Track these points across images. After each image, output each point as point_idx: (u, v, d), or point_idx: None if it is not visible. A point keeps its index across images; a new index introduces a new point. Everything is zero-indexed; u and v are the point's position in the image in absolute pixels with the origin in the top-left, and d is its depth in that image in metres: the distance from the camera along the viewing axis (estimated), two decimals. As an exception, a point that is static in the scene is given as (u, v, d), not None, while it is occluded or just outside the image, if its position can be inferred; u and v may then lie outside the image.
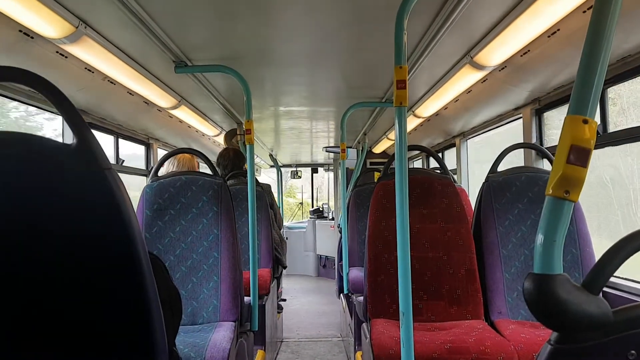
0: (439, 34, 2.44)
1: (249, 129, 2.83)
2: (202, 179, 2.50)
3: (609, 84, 2.47)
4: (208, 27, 2.47)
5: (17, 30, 2.01)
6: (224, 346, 1.96)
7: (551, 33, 2.23)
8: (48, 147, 0.89)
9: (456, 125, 4.53)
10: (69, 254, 0.88)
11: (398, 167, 1.67)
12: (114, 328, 0.91)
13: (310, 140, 7.34)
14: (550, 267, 0.78)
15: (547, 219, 0.80)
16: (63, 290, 0.89)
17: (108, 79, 2.87)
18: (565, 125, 0.81)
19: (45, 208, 0.88)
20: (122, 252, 0.90)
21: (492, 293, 2.43)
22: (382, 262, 2.46)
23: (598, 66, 0.81)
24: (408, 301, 1.63)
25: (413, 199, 2.52)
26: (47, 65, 2.36)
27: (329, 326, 5.31)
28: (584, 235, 2.43)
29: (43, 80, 0.92)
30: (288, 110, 4.89)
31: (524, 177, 2.57)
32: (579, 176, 0.79)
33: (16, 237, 0.88)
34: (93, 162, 0.91)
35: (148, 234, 2.40)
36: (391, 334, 2.07)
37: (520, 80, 2.90)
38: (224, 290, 2.36)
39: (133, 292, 0.91)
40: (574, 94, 0.82)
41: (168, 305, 1.21)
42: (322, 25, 2.44)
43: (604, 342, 0.75)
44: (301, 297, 7.04)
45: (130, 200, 0.96)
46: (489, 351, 1.95)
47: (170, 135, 4.79)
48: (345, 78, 3.62)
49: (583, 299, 0.76)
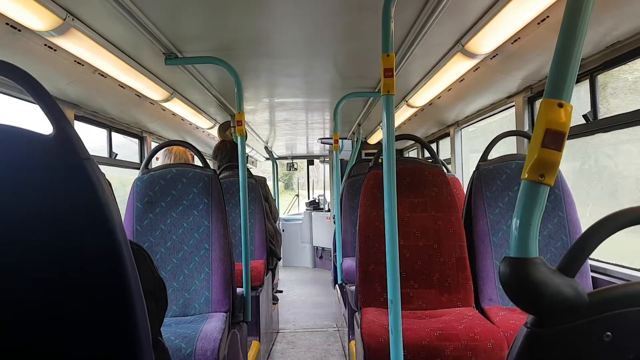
0: (429, 22, 2.43)
1: (240, 121, 2.82)
2: (193, 171, 2.50)
3: (599, 70, 2.47)
4: (199, 18, 2.45)
5: (3, 23, 1.99)
6: (215, 336, 1.97)
7: (540, 20, 2.23)
8: (24, 137, 0.88)
9: (450, 115, 4.53)
10: (47, 246, 0.88)
11: (386, 156, 1.67)
12: (95, 318, 0.91)
13: (305, 131, 7.33)
14: (526, 250, 0.78)
15: (523, 203, 0.80)
16: (40, 282, 0.89)
17: (98, 72, 2.86)
18: (541, 109, 0.81)
19: (22, 199, 0.87)
20: (102, 242, 0.90)
21: (482, 280, 2.45)
22: (373, 252, 2.47)
23: (574, 50, 0.81)
24: (396, 289, 1.64)
25: (403, 187, 2.52)
26: (35, 58, 2.35)
27: (325, 317, 5.33)
28: (574, 222, 2.43)
29: (16, 68, 0.90)
30: (282, 101, 4.88)
31: (515, 164, 2.58)
32: (554, 160, 0.79)
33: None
34: (71, 152, 0.90)
35: (139, 227, 2.40)
36: (381, 322, 2.08)
37: (512, 68, 2.89)
38: (216, 282, 2.37)
39: (114, 283, 0.91)
40: (550, 77, 0.82)
41: (152, 295, 1.22)
42: (314, 14, 2.43)
43: (580, 324, 0.76)
44: (297, 288, 7.06)
45: (111, 191, 0.96)
46: (479, 337, 1.96)
47: (164, 128, 4.77)
48: (338, 68, 3.61)
49: (559, 281, 0.76)
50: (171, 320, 2.25)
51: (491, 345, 1.95)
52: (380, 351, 1.96)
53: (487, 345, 1.95)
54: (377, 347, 1.97)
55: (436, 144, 5.57)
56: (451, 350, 1.94)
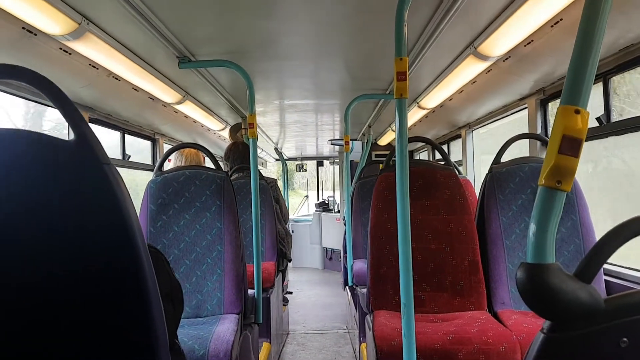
0: (441, 25, 2.43)
1: (252, 123, 2.84)
2: (206, 174, 2.52)
3: (612, 73, 2.45)
4: (211, 21, 2.47)
5: (20, 27, 2.02)
6: (228, 338, 1.98)
7: (554, 23, 2.22)
8: (45, 143, 0.90)
9: (461, 117, 4.51)
10: (68, 249, 0.90)
11: (399, 158, 1.67)
12: (114, 321, 0.93)
13: (315, 133, 7.34)
14: (543, 256, 0.79)
15: (540, 209, 0.80)
16: (61, 285, 0.90)
17: (113, 75, 2.89)
18: (558, 115, 0.81)
19: (44, 204, 0.89)
20: (122, 246, 0.91)
21: (495, 284, 2.44)
22: (385, 254, 2.47)
23: (590, 57, 0.81)
24: (409, 292, 1.64)
25: (415, 190, 2.52)
26: (51, 62, 2.38)
27: (334, 318, 5.33)
28: (587, 225, 2.42)
29: (39, 76, 0.92)
30: (293, 103, 4.89)
31: (528, 167, 2.56)
32: (571, 166, 0.79)
33: (15, 234, 0.89)
34: (92, 157, 0.91)
35: (153, 228, 2.42)
36: (393, 325, 2.08)
37: (525, 70, 2.88)
38: (228, 283, 2.38)
39: (133, 286, 0.93)
40: (567, 84, 0.82)
41: (169, 297, 1.23)
42: (325, 17, 2.44)
43: (596, 330, 0.76)
44: (307, 289, 7.06)
45: (130, 195, 0.97)
46: (492, 341, 1.96)
47: (176, 130, 4.81)
48: (349, 70, 3.62)
49: (575, 287, 0.76)
50: (184, 321, 2.27)
51: (504, 349, 1.94)
52: (392, 354, 1.96)
53: (500, 349, 1.94)
54: (389, 350, 1.97)
55: (447, 145, 5.55)
56: (464, 354, 1.94)
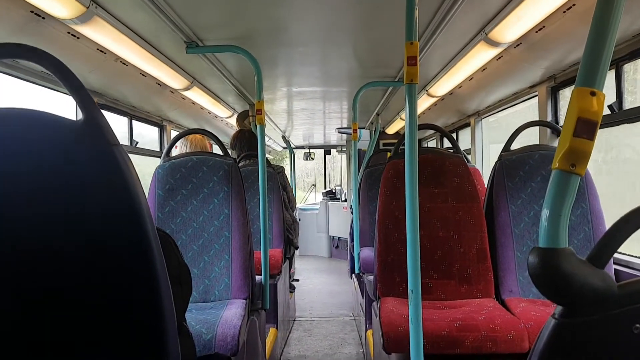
0: (452, 10, 2.40)
1: (260, 110, 2.83)
2: (213, 160, 2.52)
3: (625, 60, 2.41)
4: (219, 6, 2.45)
5: (28, 10, 2.02)
6: (235, 323, 1.99)
7: (567, 8, 2.18)
8: (54, 123, 0.89)
9: (471, 104, 4.48)
10: (77, 230, 0.90)
11: (408, 145, 1.66)
12: (122, 302, 0.93)
13: (322, 121, 7.32)
14: (556, 241, 0.78)
15: (553, 193, 0.79)
16: (69, 266, 0.90)
17: (120, 60, 2.88)
18: (573, 97, 0.80)
19: (52, 185, 0.89)
20: (130, 228, 0.91)
21: (503, 272, 2.43)
22: (392, 242, 2.46)
23: (607, 38, 0.79)
24: (417, 279, 1.63)
25: (424, 178, 2.51)
26: (59, 46, 2.38)
27: (341, 305, 5.36)
28: (597, 213, 2.39)
29: (49, 56, 0.92)
30: (300, 90, 4.87)
31: (538, 155, 2.54)
32: (586, 149, 0.78)
33: (23, 214, 0.89)
34: (101, 138, 0.91)
35: (161, 214, 2.43)
36: (400, 312, 2.08)
37: (536, 57, 2.84)
38: (235, 269, 2.39)
39: (141, 268, 0.93)
40: (582, 65, 0.80)
41: (177, 280, 1.23)
42: (334, 2, 2.41)
43: (609, 316, 0.75)
44: (314, 277, 7.10)
45: (139, 177, 0.97)
46: (499, 329, 1.95)
47: (183, 116, 4.81)
48: (357, 57, 3.59)
49: (588, 272, 0.75)
50: (192, 306, 2.28)
51: (512, 337, 1.94)
52: (399, 340, 1.97)
53: (508, 336, 1.94)
54: (396, 336, 1.98)
55: (456, 134, 5.52)
56: (471, 340, 1.94)
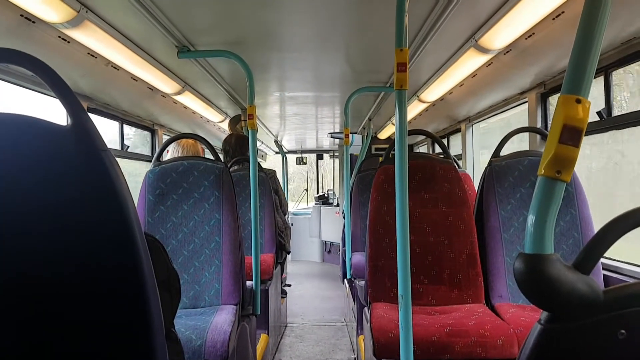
0: (442, 16, 2.41)
1: (252, 114, 2.83)
2: (204, 164, 2.51)
3: (614, 67, 2.43)
4: (211, 11, 2.45)
5: (18, 14, 2.01)
6: (225, 329, 1.98)
7: (556, 15, 2.20)
8: (41, 128, 0.89)
9: (461, 110, 4.50)
10: (63, 235, 0.89)
11: (398, 151, 1.67)
12: (110, 309, 0.92)
13: (315, 126, 7.32)
14: (542, 247, 0.78)
15: (539, 199, 0.80)
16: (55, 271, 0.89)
17: (111, 65, 2.87)
18: (559, 105, 0.80)
19: (39, 189, 0.88)
20: (117, 233, 0.90)
21: (493, 277, 2.44)
22: (383, 247, 2.47)
23: (593, 46, 0.80)
24: (407, 284, 1.64)
25: (414, 183, 2.52)
26: (49, 50, 2.37)
27: (333, 311, 5.34)
28: (586, 219, 2.41)
29: (36, 60, 0.91)
30: (293, 95, 4.88)
31: (527, 161, 2.56)
32: (571, 156, 0.79)
33: (9, 220, 0.88)
34: (88, 143, 0.90)
35: (151, 219, 2.42)
36: (391, 317, 2.09)
37: (526, 63, 2.86)
38: (226, 274, 2.38)
39: (129, 273, 0.92)
40: (568, 73, 0.81)
41: (166, 286, 1.23)
42: (326, 8, 2.42)
43: (594, 322, 0.76)
44: (306, 282, 7.08)
45: (126, 182, 0.97)
46: (489, 334, 1.96)
47: (175, 121, 4.79)
48: (349, 62, 3.60)
49: (574, 278, 0.76)
50: (182, 312, 2.27)
51: (501, 342, 1.95)
52: (389, 346, 1.97)
53: (498, 341, 1.95)
54: (386, 342, 1.97)
55: (447, 139, 5.55)
56: (461, 346, 1.94)
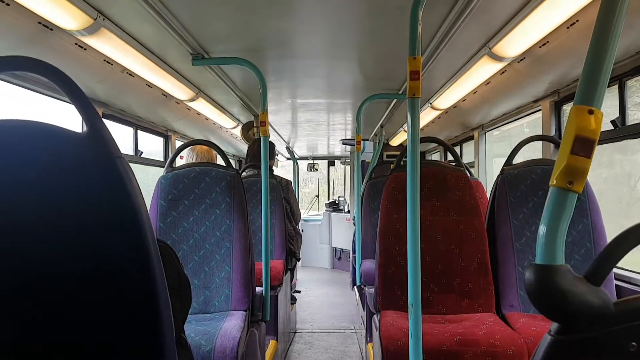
0: (456, 25, 2.41)
1: (264, 121, 2.85)
2: (216, 170, 2.53)
3: (628, 76, 2.42)
4: (226, 19, 2.48)
5: (36, 22, 2.05)
6: (234, 335, 1.99)
7: (570, 24, 2.19)
8: (57, 135, 0.90)
9: (474, 118, 4.49)
10: (77, 241, 0.90)
11: (410, 158, 1.67)
12: (121, 314, 0.93)
13: (327, 132, 7.34)
14: (552, 257, 0.78)
15: (550, 210, 0.79)
16: (68, 277, 0.91)
17: (127, 71, 2.92)
18: (571, 115, 0.80)
19: (54, 196, 0.89)
20: (131, 239, 0.91)
21: (504, 286, 2.42)
22: (393, 255, 2.46)
23: (606, 56, 0.80)
24: (417, 293, 1.63)
25: (425, 191, 2.51)
26: (66, 57, 2.41)
27: (342, 318, 5.32)
28: (599, 229, 2.39)
29: (53, 68, 0.93)
30: (305, 102, 4.90)
31: (540, 169, 2.54)
32: (583, 167, 0.78)
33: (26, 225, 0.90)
34: (104, 150, 0.92)
35: (162, 224, 2.44)
36: (400, 325, 2.08)
37: (540, 72, 2.85)
38: (236, 280, 2.39)
39: (141, 279, 0.93)
40: (581, 84, 0.81)
41: (177, 292, 1.23)
42: (340, 16, 2.44)
43: (605, 334, 0.75)
44: (315, 289, 7.06)
45: (140, 189, 0.98)
46: (499, 344, 1.94)
47: (189, 127, 4.84)
48: (362, 70, 3.61)
49: (584, 290, 0.75)
50: (191, 317, 2.28)
51: (512, 352, 1.93)
52: (398, 354, 1.96)
53: (508, 351, 1.93)
54: (395, 350, 1.97)
55: (459, 147, 5.52)
56: (471, 355, 1.93)
